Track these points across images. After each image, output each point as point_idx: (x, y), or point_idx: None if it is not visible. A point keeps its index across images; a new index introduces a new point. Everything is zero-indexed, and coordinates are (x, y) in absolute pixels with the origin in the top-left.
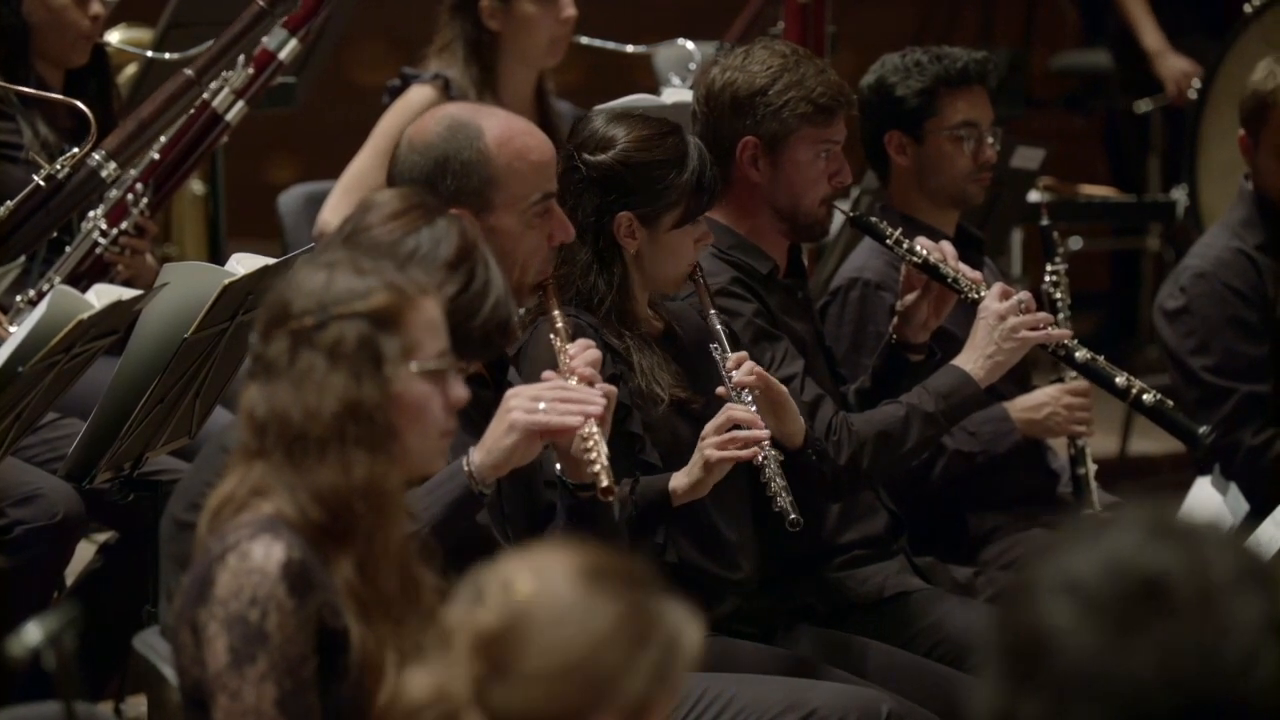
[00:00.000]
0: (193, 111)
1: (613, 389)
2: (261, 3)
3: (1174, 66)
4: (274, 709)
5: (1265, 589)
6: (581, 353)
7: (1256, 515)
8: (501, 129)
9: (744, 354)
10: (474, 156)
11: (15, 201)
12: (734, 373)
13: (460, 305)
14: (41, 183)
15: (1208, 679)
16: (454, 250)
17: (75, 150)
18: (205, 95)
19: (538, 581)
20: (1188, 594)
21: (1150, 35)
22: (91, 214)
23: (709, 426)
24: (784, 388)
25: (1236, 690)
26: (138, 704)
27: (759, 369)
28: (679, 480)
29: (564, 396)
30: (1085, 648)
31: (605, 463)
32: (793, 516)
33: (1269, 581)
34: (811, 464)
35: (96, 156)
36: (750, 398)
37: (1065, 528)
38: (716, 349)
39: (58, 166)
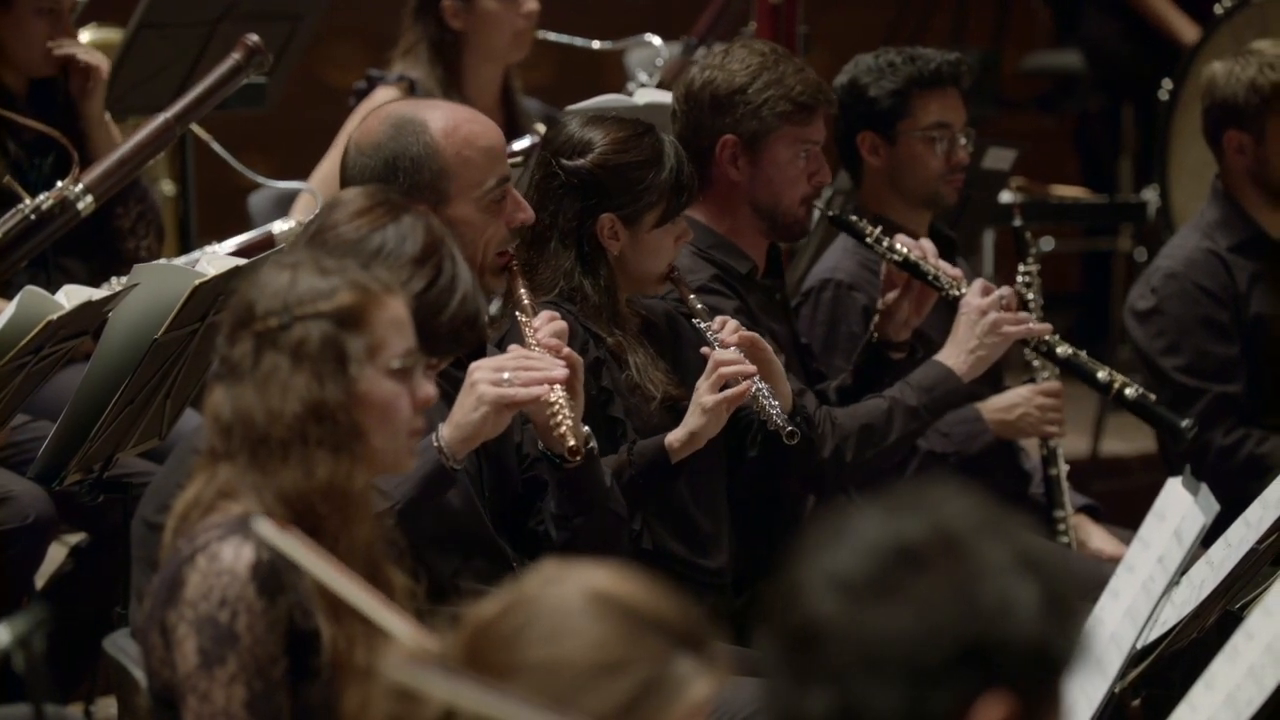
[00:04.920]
0: None
1: (577, 356)
2: (237, 56)
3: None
4: (243, 710)
5: (1005, 533)
6: (546, 324)
7: (1228, 516)
8: (445, 120)
9: (727, 316)
10: (422, 151)
11: (3, 230)
12: (720, 334)
13: (428, 301)
14: (31, 215)
15: (970, 622)
16: (420, 246)
17: (59, 184)
18: None
19: (547, 586)
20: (935, 549)
21: (1188, 32)
22: None
23: (700, 380)
24: (769, 347)
25: (1002, 630)
26: (108, 705)
27: (744, 330)
28: (675, 434)
29: (526, 365)
30: (852, 625)
31: (570, 424)
32: (789, 429)
33: (1007, 527)
34: (802, 433)
35: (75, 189)
36: (738, 353)
37: (809, 534)
38: (699, 321)
39: (42, 197)
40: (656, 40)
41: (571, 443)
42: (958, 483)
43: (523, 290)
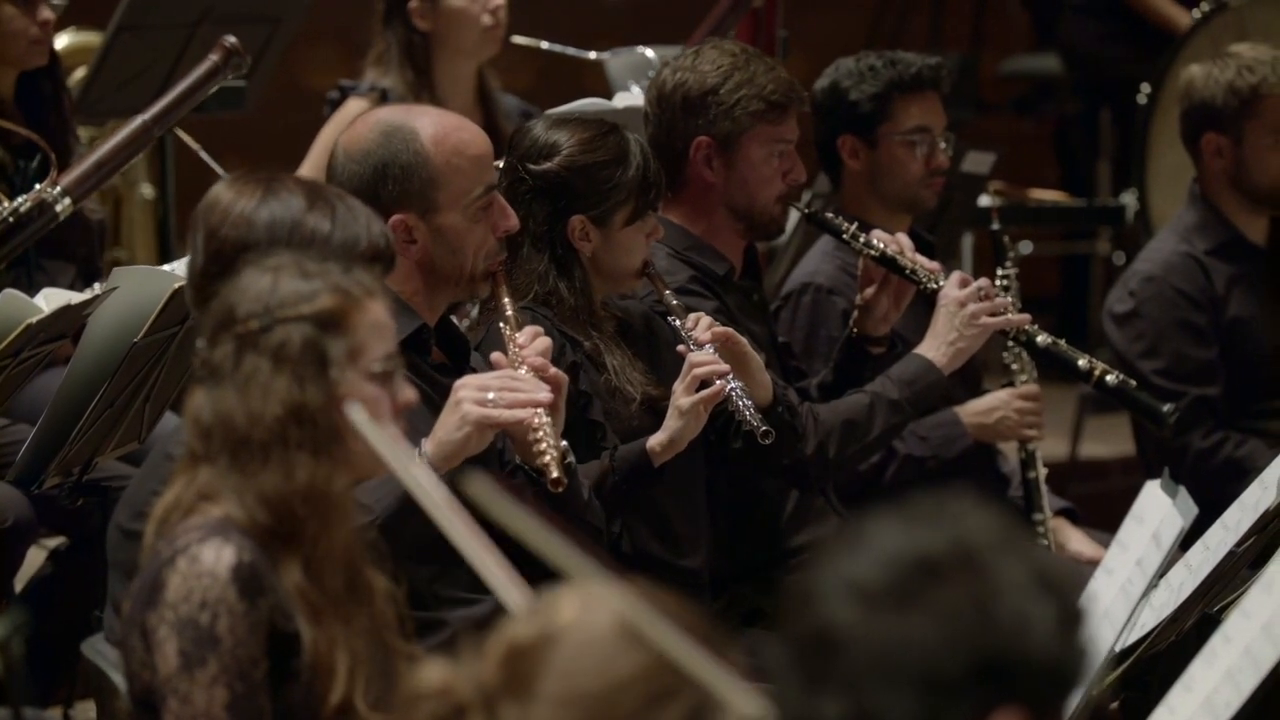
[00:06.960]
0: None
1: (563, 376)
2: (215, 58)
3: None
4: (225, 712)
5: (1024, 551)
6: (531, 341)
7: (1206, 519)
8: (436, 128)
9: (701, 313)
10: (412, 159)
11: None
12: (694, 332)
13: (339, 242)
14: (9, 218)
15: (987, 635)
16: (304, 196)
17: (38, 186)
18: None
19: (582, 610)
20: (954, 562)
21: (1184, 21)
22: None
23: (676, 382)
24: (744, 340)
25: (1019, 648)
26: (87, 709)
27: (718, 325)
28: (656, 439)
29: (512, 387)
30: (869, 634)
31: (555, 454)
32: (763, 429)
33: (1024, 544)
34: (785, 421)
35: (53, 191)
36: (712, 351)
37: (827, 542)
38: (674, 319)
39: (20, 200)
40: (649, 51)
41: (555, 474)
42: (973, 496)
43: (507, 300)
